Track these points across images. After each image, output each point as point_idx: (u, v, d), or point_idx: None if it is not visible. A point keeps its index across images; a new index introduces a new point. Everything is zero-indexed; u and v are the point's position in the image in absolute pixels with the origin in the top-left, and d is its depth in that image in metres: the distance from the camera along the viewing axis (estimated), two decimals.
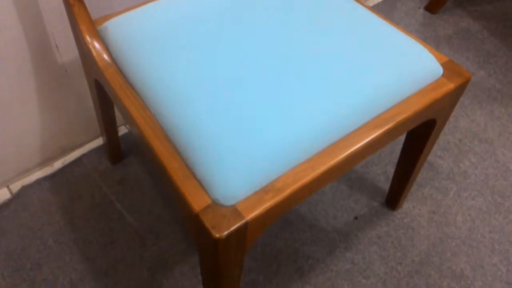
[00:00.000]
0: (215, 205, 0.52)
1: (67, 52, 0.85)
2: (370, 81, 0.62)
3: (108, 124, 0.90)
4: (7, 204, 0.94)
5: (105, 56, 0.66)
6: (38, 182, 0.97)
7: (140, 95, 0.62)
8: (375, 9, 1.43)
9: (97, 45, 0.66)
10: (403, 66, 0.65)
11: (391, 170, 1.03)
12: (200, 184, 0.54)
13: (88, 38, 0.66)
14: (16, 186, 0.96)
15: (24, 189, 0.96)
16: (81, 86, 0.92)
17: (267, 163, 0.54)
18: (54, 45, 0.83)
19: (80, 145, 1.03)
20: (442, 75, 0.68)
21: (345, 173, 1.02)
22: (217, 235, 0.49)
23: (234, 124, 0.56)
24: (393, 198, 0.95)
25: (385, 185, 1.00)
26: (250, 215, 0.51)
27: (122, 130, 1.07)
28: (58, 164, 1.00)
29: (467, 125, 1.13)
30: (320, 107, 0.58)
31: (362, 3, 0.76)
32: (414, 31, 1.37)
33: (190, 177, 0.54)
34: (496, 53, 1.31)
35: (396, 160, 1.05)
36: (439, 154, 1.07)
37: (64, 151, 1.01)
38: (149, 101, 0.61)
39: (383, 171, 1.03)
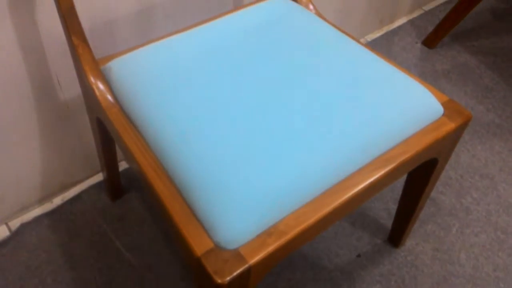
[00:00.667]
0: (217, 248, 0.51)
1: (69, 88, 0.86)
2: (371, 122, 0.62)
3: (109, 160, 0.90)
4: (5, 242, 0.93)
5: (108, 96, 0.67)
6: (37, 219, 0.96)
7: (143, 135, 0.62)
8: (373, 43, 1.45)
9: (100, 85, 0.67)
10: (404, 107, 0.66)
11: (393, 207, 1.02)
12: (202, 226, 0.53)
13: (91, 79, 0.67)
14: (15, 224, 0.95)
15: (23, 226, 0.95)
16: (82, 122, 0.92)
17: (270, 206, 0.54)
18: (57, 82, 0.83)
19: (80, 181, 1.03)
20: (443, 115, 0.68)
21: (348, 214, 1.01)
22: (220, 281, 0.48)
23: (237, 165, 0.56)
24: (396, 236, 0.94)
25: (388, 222, 0.99)
26: (253, 259, 0.50)
27: (123, 165, 1.07)
28: (57, 201, 1.00)
29: (468, 160, 1.13)
30: (321, 149, 0.58)
31: (358, 40, 0.77)
32: (412, 66, 1.38)
33: (192, 219, 0.54)
34: (494, 87, 1.33)
35: (397, 196, 1.04)
36: (441, 190, 1.06)
37: (64, 187, 1.01)
38: (151, 141, 0.61)
39: (385, 207, 1.02)
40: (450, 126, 0.67)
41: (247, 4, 0.84)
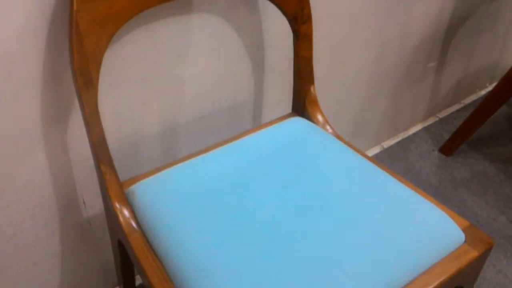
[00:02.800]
0: None
1: (92, 206, 0.88)
2: (390, 251, 0.62)
3: (127, 277, 0.89)
4: None
5: (131, 222, 0.68)
6: None
7: (163, 263, 0.63)
8: (389, 150, 1.48)
9: (124, 211, 0.69)
10: (424, 234, 0.65)
11: None
12: None
13: (116, 204, 0.69)
14: None
15: None
16: (103, 239, 0.94)
17: None
18: (82, 201, 0.86)
19: None
20: (465, 242, 0.68)
21: None
22: None
23: None
24: None
25: None
26: None
27: (138, 279, 1.06)
28: None
29: (494, 276, 1.09)
30: (339, 282, 0.58)
31: (377, 162, 0.79)
32: (431, 174, 1.39)
33: None
34: None
35: None
36: None
37: None
38: (171, 271, 0.61)
39: None
40: (473, 254, 0.66)
41: (266, 124, 0.88)
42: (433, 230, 0.66)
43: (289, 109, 1.11)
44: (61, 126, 0.76)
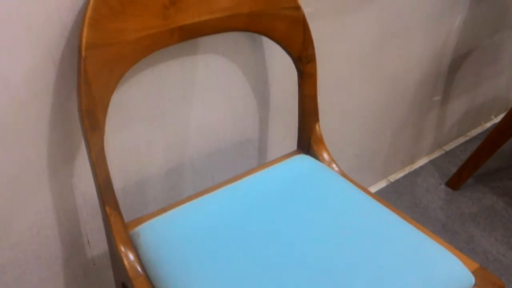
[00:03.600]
0: None
1: (97, 246, 0.88)
2: None
3: None
4: None
5: (136, 265, 0.68)
6: None
7: None
8: (396, 184, 1.47)
9: (129, 254, 0.68)
10: (433, 278, 0.64)
11: None
12: None
13: (121, 247, 0.68)
14: None
15: None
16: (107, 279, 0.93)
17: None
18: (87, 241, 0.85)
19: None
20: (475, 285, 0.66)
21: None
22: None
23: None
24: None
25: None
26: None
27: None
28: None
29: None
30: None
31: (384, 201, 0.78)
32: (438, 209, 1.38)
33: None
34: None
35: None
36: None
37: None
38: None
39: None
40: None
41: (272, 161, 0.88)
42: (441, 273, 0.65)
43: (294, 144, 1.11)
44: (67, 167, 0.76)
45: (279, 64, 0.96)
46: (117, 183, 0.84)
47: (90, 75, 0.62)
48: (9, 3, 0.60)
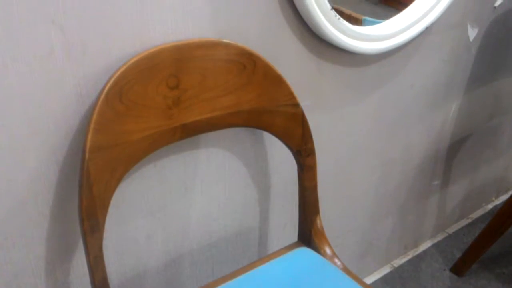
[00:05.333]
0: None
1: None
2: None
3: None
4: None
5: None
6: None
7: None
8: (400, 270, 1.43)
9: None
10: None
11: None
12: None
13: None
14: None
15: None
16: None
17: None
18: None
19: None
20: None
21: None
22: None
23: None
24: None
25: None
26: None
27: None
28: None
29: None
30: None
31: None
32: None
33: None
34: None
35: None
36: None
37: None
38: None
39: None
40: None
41: (272, 254, 0.87)
42: None
43: (295, 232, 1.09)
44: (65, 266, 0.75)
45: (279, 155, 0.97)
46: (114, 279, 0.82)
47: (93, 177, 0.63)
48: (15, 106, 0.62)
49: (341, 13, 1.05)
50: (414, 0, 1.05)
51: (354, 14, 1.09)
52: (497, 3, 1.23)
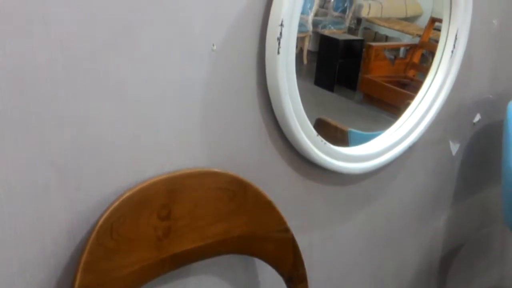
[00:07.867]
0: None
1: None
2: None
3: None
4: None
5: None
6: None
7: None
8: None
9: None
10: None
11: None
12: None
13: None
14: None
15: None
16: None
17: None
18: None
19: None
20: None
21: None
22: None
23: None
24: None
25: None
26: None
27: None
28: None
29: None
30: None
31: None
32: None
33: None
34: None
35: None
36: None
37: None
38: None
39: None
40: None
41: None
42: None
43: None
44: None
45: (271, 280, 0.95)
46: None
47: None
48: (6, 244, 0.61)
49: (327, 124, 1.10)
50: (394, 98, 1.10)
51: (339, 126, 1.13)
52: (476, 119, 1.30)
